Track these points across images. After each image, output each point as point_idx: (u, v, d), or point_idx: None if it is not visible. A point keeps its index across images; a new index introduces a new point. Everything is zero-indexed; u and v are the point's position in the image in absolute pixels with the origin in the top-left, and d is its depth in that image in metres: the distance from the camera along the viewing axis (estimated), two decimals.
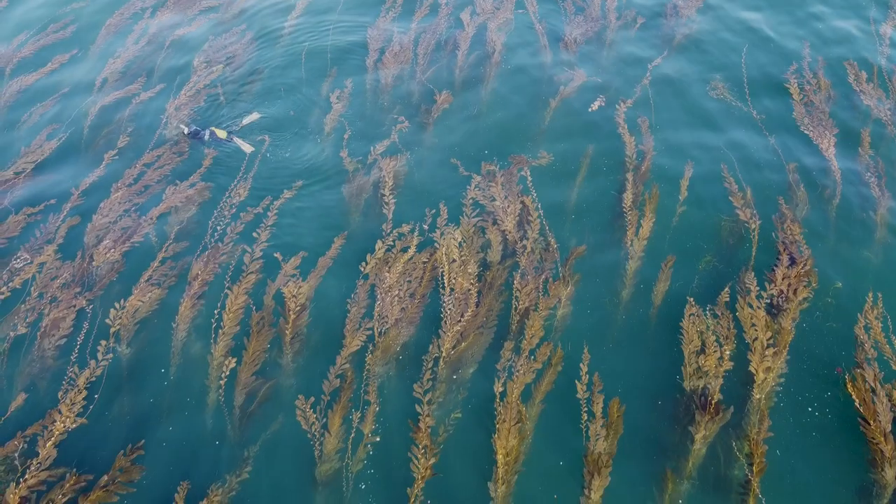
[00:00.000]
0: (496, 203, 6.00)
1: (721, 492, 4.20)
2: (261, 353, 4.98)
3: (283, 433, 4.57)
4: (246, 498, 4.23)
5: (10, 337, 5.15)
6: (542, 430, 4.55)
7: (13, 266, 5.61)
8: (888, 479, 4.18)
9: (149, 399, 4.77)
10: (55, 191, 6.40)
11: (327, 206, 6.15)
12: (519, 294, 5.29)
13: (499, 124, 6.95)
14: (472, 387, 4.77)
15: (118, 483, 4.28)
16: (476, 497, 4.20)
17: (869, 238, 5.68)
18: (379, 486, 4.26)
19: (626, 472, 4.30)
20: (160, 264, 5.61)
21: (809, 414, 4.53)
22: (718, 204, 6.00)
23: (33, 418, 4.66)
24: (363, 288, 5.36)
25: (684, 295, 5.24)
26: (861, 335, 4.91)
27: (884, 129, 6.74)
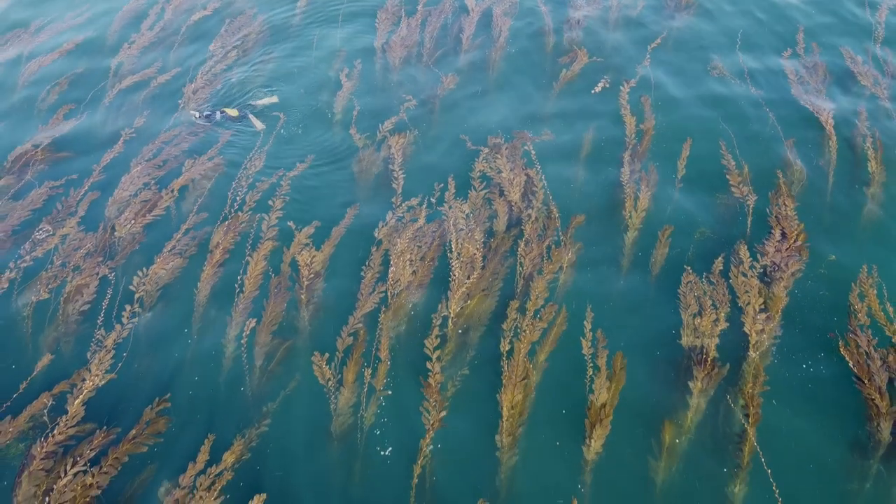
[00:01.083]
0: (502, 175, 6.17)
1: (718, 443, 4.34)
2: (278, 316, 5.15)
3: (299, 390, 4.75)
4: (266, 448, 4.40)
5: (33, 302, 5.32)
6: (546, 385, 4.71)
7: (35, 237, 5.79)
8: (884, 435, 4.33)
9: (172, 359, 4.95)
10: (75, 167, 6.58)
11: (339, 181, 6.33)
12: (523, 260, 5.47)
13: (504, 103, 7.12)
14: (479, 346, 4.93)
15: (146, 435, 4.47)
16: (483, 447, 4.36)
17: (863, 212, 5.82)
18: (391, 437, 4.43)
19: (627, 424, 4.46)
20: (183, 235, 5.77)
21: (804, 370, 4.70)
22: (715, 180, 6.15)
23: (59, 378, 4.82)
24: (377, 254, 5.52)
25: (681, 262, 5.40)
26: (855, 303, 5.05)
27: (879, 106, 6.87)
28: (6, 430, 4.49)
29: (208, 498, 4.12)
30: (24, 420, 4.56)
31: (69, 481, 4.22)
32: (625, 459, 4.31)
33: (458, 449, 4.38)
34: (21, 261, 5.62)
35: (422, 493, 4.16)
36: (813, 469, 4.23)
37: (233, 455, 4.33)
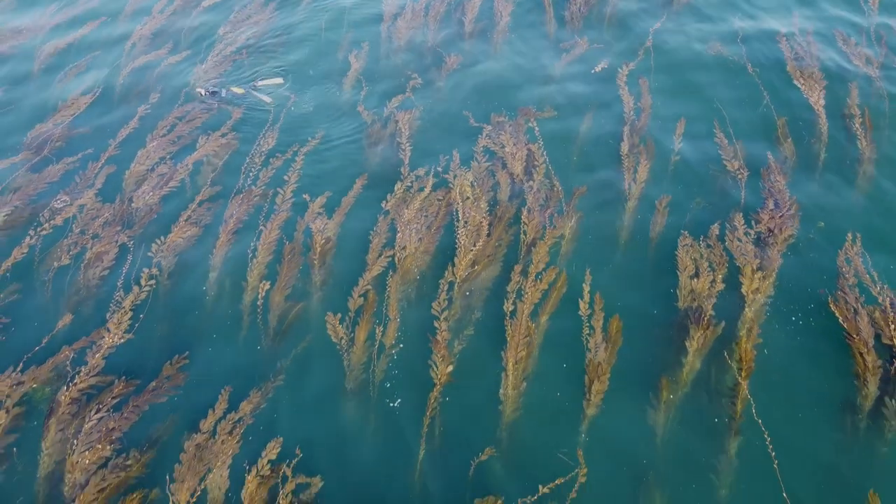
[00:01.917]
0: (505, 149, 6.35)
1: (714, 396, 4.52)
2: (292, 280, 5.33)
3: (312, 348, 4.92)
4: (281, 400, 4.59)
5: (54, 267, 5.50)
6: (548, 344, 4.89)
7: (54, 206, 5.97)
8: (871, 388, 4.51)
9: (190, 320, 5.13)
10: (92, 142, 6.76)
11: (348, 155, 6.52)
12: (526, 227, 5.65)
13: (506, 83, 7.31)
14: (484, 307, 5.10)
15: (165, 387, 4.65)
16: (488, 400, 4.54)
17: (852, 185, 6.01)
18: (401, 389, 4.61)
19: (625, 380, 4.63)
20: (198, 206, 5.95)
21: (794, 323, 4.88)
22: (711, 156, 6.33)
23: (80, 336, 5.00)
24: (384, 222, 5.71)
25: (678, 229, 5.58)
26: (843, 266, 5.24)
27: (871, 86, 7.06)
28: (32, 377, 4.67)
29: (229, 441, 4.29)
30: (48, 369, 4.73)
31: (94, 425, 4.38)
32: (624, 412, 4.48)
33: (464, 402, 4.55)
34: (41, 228, 5.79)
35: (431, 441, 4.32)
36: (803, 419, 4.40)
37: (250, 404, 4.51)
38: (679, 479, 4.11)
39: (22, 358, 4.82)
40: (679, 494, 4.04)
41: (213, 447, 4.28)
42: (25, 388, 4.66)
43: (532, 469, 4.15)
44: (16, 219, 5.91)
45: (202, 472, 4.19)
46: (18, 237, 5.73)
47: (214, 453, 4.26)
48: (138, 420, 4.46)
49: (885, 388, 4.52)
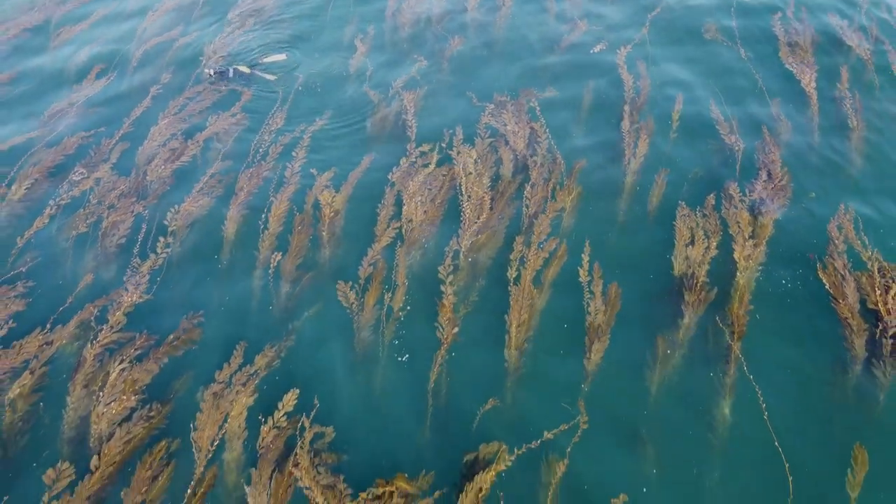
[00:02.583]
0: (508, 127, 6.59)
1: (708, 357, 4.75)
2: (302, 249, 5.57)
3: (323, 313, 5.15)
4: (293, 356, 4.83)
5: (73, 235, 5.74)
6: (549, 309, 5.12)
7: (72, 178, 6.21)
8: (858, 350, 4.75)
9: (204, 285, 5.36)
10: (106, 120, 7.00)
11: (355, 133, 6.75)
12: (529, 201, 5.88)
13: (508, 65, 7.54)
14: (488, 275, 5.34)
15: (182, 340, 4.90)
16: (492, 360, 4.77)
17: (843, 161, 6.25)
18: (409, 347, 4.85)
19: (623, 341, 4.87)
20: (210, 178, 6.19)
21: (783, 286, 5.12)
22: (708, 131, 6.57)
23: (101, 296, 5.25)
24: (391, 194, 5.94)
25: (676, 200, 5.82)
26: (834, 232, 5.48)
27: (863, 68, 7.30)
28: (60, 334, 4.93)
29: (244, 392, 4.54)
30: (73, 326, 4.97)
31: (118, 376, 4.63)
32: (622, 371, 4.71)
33: (469, 360, 4.78)
34: (59, 199, 6.03)
35: (438, 395, 4.57)
36: (793, 377, 4.63)
37: (264, 358, 4.75)
38: (674, 431, 4.33)
39: (48, 318, 5.03)
40: (674, 445, 4.26)
41: (229, 397, 4.51)
42: (53, 349, 4.87)
43: (534, 419, 4.37)
44: (36, 191, 6.13)
45: (220, 420, 4.41)
46: (39, 209, 5.94)
47: (231, 403, 4.48)
48: (159, 373, 4.68)
49: (872, 351, 4.72)
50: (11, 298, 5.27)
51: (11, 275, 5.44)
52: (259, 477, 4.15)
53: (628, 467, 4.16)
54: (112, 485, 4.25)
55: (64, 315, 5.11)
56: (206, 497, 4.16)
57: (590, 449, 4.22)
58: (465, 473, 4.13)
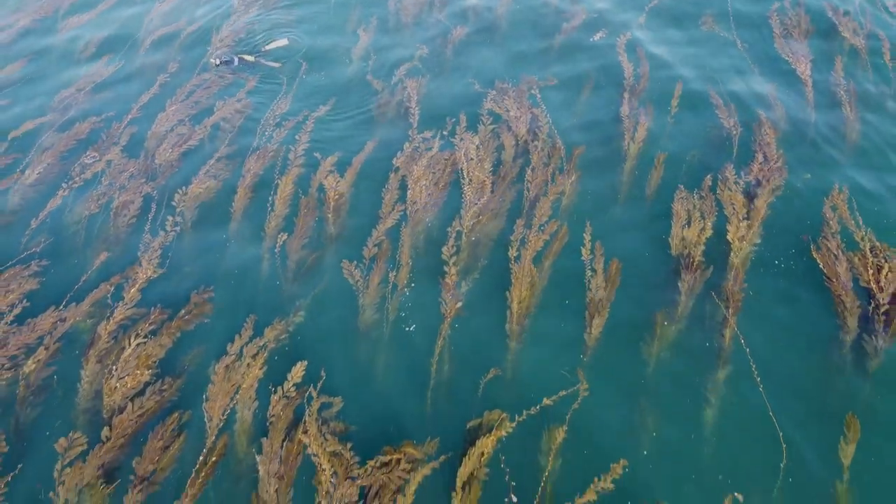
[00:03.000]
0: (510, 113, 6.71)
1: (705, 331, 4.87)
2: (308, 230, 5.69)
3: (329, 290, 5.27)
4: (302, 330, 4.96)
5: (86, 215, 5.87)
6: (550, 287, 5.24)
7: (84, 161, 6.34)
8: (850, 326, 4.87)
9: (213, 263, 5.48)
10: (115, 106, 7.12)
11: (358, 119, 6.87)
12: (530, 184, 6.00)
13: (510, 52, 7.66)
14: (490, 256, 5.46)
15: (194, 314, 5.02)
16: (495, 333, 4.90)
17: (838, 144, 6.37)
18: (415, 319, 4.97)
19: (622, 316, 4.99)
20: (216, 162, 6.31)
21: (777, 265, 5.24)
22: (706, 116, 6.69)
23: (113, 275, 5.38)
24: (395, 178, 6.06)
25: (674, 183, 5.94)
26: (828, 213, 5.60)
27: (857, 57, 7.42)
28: (74, 312, 5.05)
29: (255, 364, 4.66)
30: (88, 305, 5.10)
31: (132, 351, 4.76)
32: (621, 344, 4.83)
33: (472, 334, 4.91)
34: (72, 181, 6.15)
35: (441, 366, 4.69)
36: (786, 350, 4.75)
37: (273, 331, 4.87)
38: (672, 399, 4.46)
39: (62, 297, 5.16)
40: (671, 413, 4.38)
41: (241, 369, 4.63)
42: (67, 326, 4.99)
43: (535, 389, 4.50)
44: (48, 174, 6.25)
45: (232, 392, 4.53)
46: (51, 191, 6.06)
47: (242, 374, 4.61)
48: (172, 347, 4.80)
49: (864, 327, 4.84)
50: (25, 277, 5.40)
51: (25, 255, 5.55)
52: (270, 445, 4.26)
53: (627, 433, 4.29)
54: (124, 455, 4.34)
55: (79, 293, 5.23)
56: (217, 466, 4.25)
57: (590, 416, 4.35)
58: (468, 439, 4.24)
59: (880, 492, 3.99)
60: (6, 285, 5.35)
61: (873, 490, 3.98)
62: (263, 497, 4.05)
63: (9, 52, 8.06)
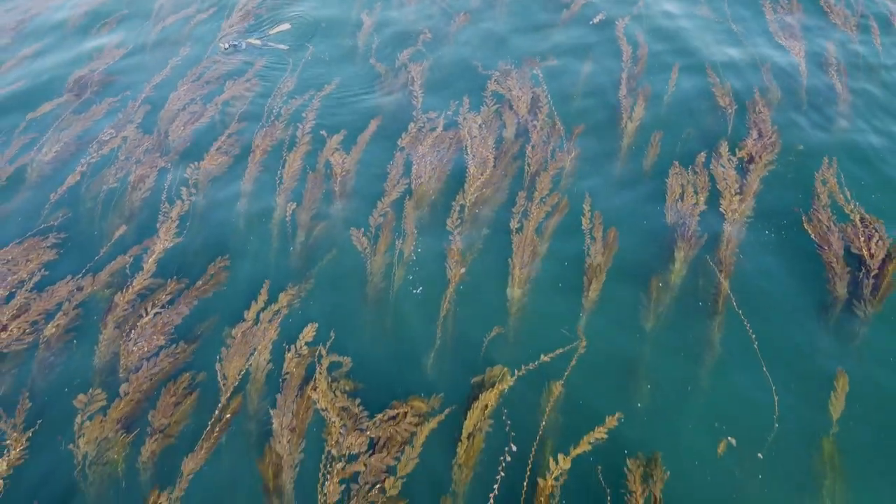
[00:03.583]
0: (512, 93, 6.84)
1: (700, 295, 5.00)
2: (316, 202, 5.83)
3: (337, 259, 5.41)
4: (313, 296, 5.09)
5: (104, 189, 6.01)
6: (550, 254, 5.38)
7: (101, 138, 6.48)
8: (840, 291, 5.01)
9: (226, 234, 5.62)
10: (128, 87, 7.26)
11: (362, 100, 7.00)
12: (531, 161, 6.14)
13: (512, 36, 7.80)
14: (493, 226, 5.59)
15: (210, 284, 5.16)
16: (497, 296, 5.04)
17: (829, 121, 6.51)
18: (420, 282, 5.11)
19: (620, 280, 5.12)
20: (227, 138, 6.45)
21: (769, 234, 5.38)
22: (701, 94, 6.83)
23: (130, 247, 5.52)
24: (400, 157, 6.21)
25: (670, 159, 6.08)
26: (819, 187, 5.74)
27: (848, 41, 7.55)
28: (93, 281, 5.21)
29: (270, 328, 4.80)
30: (106, 275, 5.24)
31: (150, 319, 4.90)
32: (617, 306, 4.97)
33: (475, 297, 5.05)
34: (90, 157, 6.30)
35: (446, 326, 4.83)
36: (779, 312, 4.89)
37: (287, 296, 5.01)
38: (667, 356, 4.60)
39: (81, 267, 5.30)
40: (666, 368, 4.52)
41: (257, 332, 4.78)
42: (85, 294, 5.13)
43: (535, 346, 4.64)
44: (65, 152, 6.40)
45: (247, 353, 4.68)
46: (69, 168, 6.21)
47: (258, 337, 4.75)
48: (188, 314, 4.93)
49: (853, 292, 4.98)
50: (44, 249, 5.53)
51: (44, 227, 5.68)
52: (283, 400, 4.40)
53: (623, 388, 4.42)
54: (140, 411, 4.48)
55: (97, 264, 5.36)
56: (231, 422, 4.39)
57: (586, 372, 4.49)
58: (472, 394, 4.38)
59: (865, 443, 4.13)
60: (26, 255, 5.47)
61: (859, 441, 4.12)
62: (276, 449, 4.17)
63: (21, 36, 8.19)
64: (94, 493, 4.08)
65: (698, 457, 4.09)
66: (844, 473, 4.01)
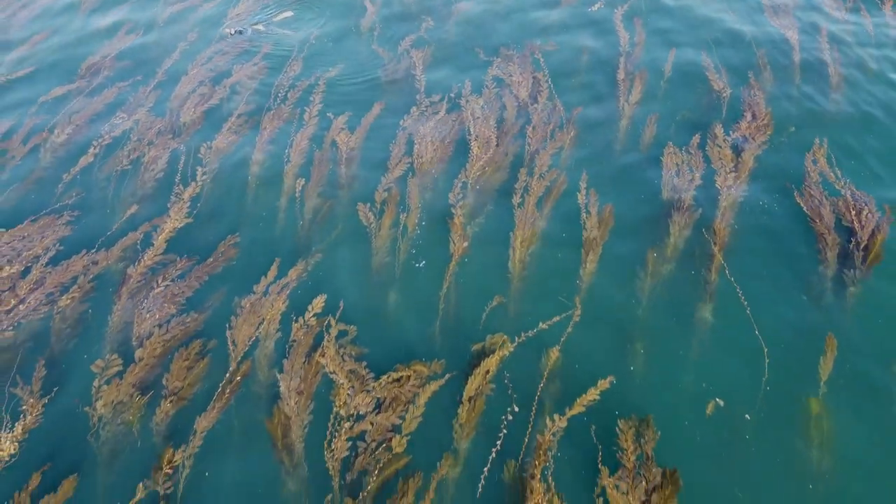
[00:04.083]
0: (513, 77, 6.97)
1: (694, 265, 5.12)
2: (322, 180, 5.96)
3: (343, 234, 5.54)
4: (321, 268, 5.23)
5: (117, 170, 6.15)
6: (549, 229, 5.50)
7: (113, 121, 6.62)
8: (831, 260, 5.13)
9: (236, 213, 5.75)
10: (139, 72, 7.39)
11: (366, 86, 7.14)
12: (531, 140, 6.27)
13: (513, 23, 7.93)
14: (494, 202, 5.72)
15: (221, 260, 5.29)
16: (498, 269, 5.16)
17: (822, 103, 6.63)
18: (424, 255, 5.24)
19: (616, 253, 5.25)
20: (236, 119, 6.59)
21: (763, 208, 5.51)
22: (697, 79, 6.95)
23: (144, 222, 5.66)
24: (402, 136, 6.34)
25: (665, 139, 6.20)
26: (810, 166, 5.86)
27: (838, 22, 7.67)
28: (105, 257, 5.35)
29: (279, 300, 4.94)
30: (119, 250, 5.38)
31: (161, 291, 5.04)
32: (613, 276, 5.09)
33: (477, 270, 5.18)
34: (102, 139, 6.43)
35: (449, 295, 4.96)
36: (771, 280, 5.01)
37: (296, 270, 5.15)
38: (660, 323, 4.73)
39: (94, 243, 5.44)
40: (660, 334, 4.65)
41: (265, 303, 4.92)
42: (99, 268, 5.27)
43: (534, 316, 4.77)
44: (77, 135, 6.53)
45: (257, 322, 4.82)
46: (81, 150, 6.35)
47: (266, 308, 4.89)
48: (199, 287, 5.08)
49: (843, 261, 5.11)
50: (59, 225, 5.67)
51: (58, 205, 5.82)
52: (291, 365, 4.54)
53: (617, 352, 4.55)
54: (154, 376, 4.62)
55: (109, 239, 5.49)
56: (241, 385, 4.53)
57: (582, 339, 4.62)
58: (473, 360, 4.52)
59: (851, 405, 4.26)
60: (41, 231, 5.60)
61: (845, 403, 4.25)
62: (285, 410, 4.31)
63: (32, 25, 8.33)
64: (109, 452, 4.21)
65: (688, 417, 4.21)
66: (831, 432, 4.14)
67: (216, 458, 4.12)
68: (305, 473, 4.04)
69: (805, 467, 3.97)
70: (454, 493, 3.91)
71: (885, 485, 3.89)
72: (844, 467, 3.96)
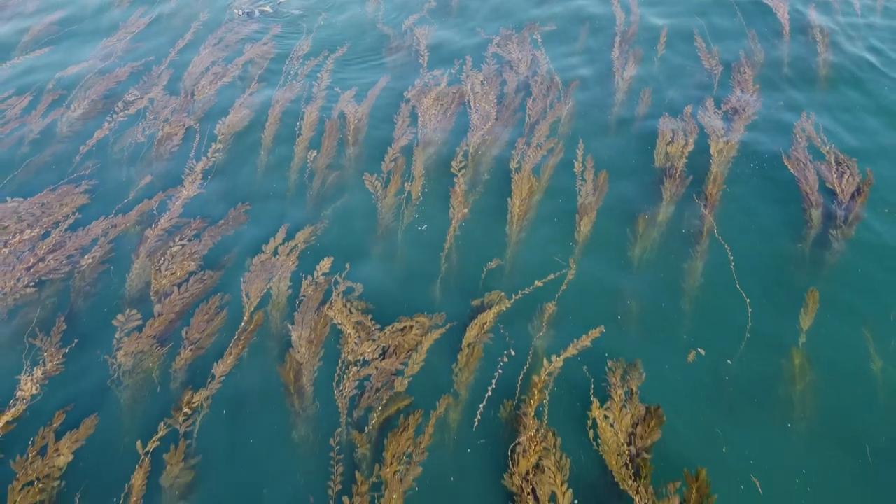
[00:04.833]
0: (512, 55, 7.19)
1: (686, 228, 5.32)
2: (331, 150, 6.20)
3: (349, 202, 5.76)
4: (330, 232, 5.46)
5: (132, 144, 6.40)
6: (546, 195, 5.72)
7: (126, 99, 6.87)
8: (815, 220, 5.34)
9: (248, 183, 5.99)
10: (152, 51, 7.63)
11: (371, 62, 7.36)
12: (530, 112, 6.49)
13: (512, 4, 8.14)
14: (493, 171, 5.94)
15: (232, 223, 5.54)
16: (496, 233, 5.38)
17: (811, 80, 6.83)
18: (426, 220, 5.47)
19: (609, 218, 5.46)
20: (248, 96, 6.83)
21: (752, 168, 5.72)
22: (689, 58, 7.16)
23: (159, 191, 5.90)
24: (406, 108, 6.57)
25: (660, 111, 6.42)
26: (798, 134, 6.07)
27: (829, 6, 7.86)
28: (122, 221, 5.59)
29: (288, 260, 5.19)
30: (135, 214, 5.63)
31: (178, 250, 5.29)
32: (607, 238, 5.30)
33: (477, 232, 5.40)
34: (116, 115, 6.68)
35: (450, 256, 5.20)
36: (757, 238, 5.21)
37: (304, 234, 5.39)
38: (648, 279, 4.95)
39: (111, 210, 5.68)
40: (650, 291, 4.88)
41: (276, 262, 5.16)
42: (118, 231, 5.52)
43: (531, 276, 5.00)
44: (92, 110, 6.78)
45: (268, 277, 5.07)
46: (97, 124, 6.59)
47: (277, 266, 5.14)
48: (213, 247, 5.32)
49: (826, 221, 5.33)
50: (77, 194, 5.91)
51: (75, 176, 6.07)
52: (301, 317, 4.78)
53: (608, 307, 4.77)
54: (173, 329, 4.87)
55: (126, 206, 5.74)
56: (255, 334, 4.78)
57: (575, 296, 4.84)
58: (471, 315, 4.76)
59: (828, 355, 4.48)
60: (60, 199, 5.85)
61: (823, 353, 4.47)
62: (296, 357, 4.56)
63: (47, 5, 8.59)
64: (130, 397, 4.46)
65: (671, 363, 4.45)
66: (811, 379, 4.37)
67: (232, 401, 4.37)
68: (316, 411, 4.28)
69: (784, 409, 4.19)
70: (454, 430, 4.15)
71: (858, 423, 4.12)
72: (821, 409, 4.18)
